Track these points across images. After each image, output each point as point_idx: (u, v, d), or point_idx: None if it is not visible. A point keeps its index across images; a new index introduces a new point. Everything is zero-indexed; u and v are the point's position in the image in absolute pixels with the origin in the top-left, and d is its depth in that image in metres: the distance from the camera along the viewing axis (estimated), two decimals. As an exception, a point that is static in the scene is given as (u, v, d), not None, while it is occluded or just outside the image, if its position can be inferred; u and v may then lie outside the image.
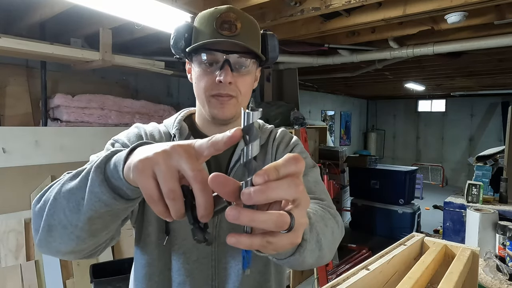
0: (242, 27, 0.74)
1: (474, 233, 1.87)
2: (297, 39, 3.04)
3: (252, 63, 0.78)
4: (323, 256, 0.61)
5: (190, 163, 0.38)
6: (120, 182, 0.47)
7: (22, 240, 2.34)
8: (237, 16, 0.74)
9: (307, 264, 0.57)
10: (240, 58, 0.75)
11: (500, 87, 7.16)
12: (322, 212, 0.67)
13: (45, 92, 2.87)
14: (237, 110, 0.79)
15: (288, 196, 0.36)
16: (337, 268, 3.52)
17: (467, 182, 2.48)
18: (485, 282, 1.47)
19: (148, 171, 0.40)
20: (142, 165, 0.40)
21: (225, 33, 0.72)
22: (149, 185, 0.40)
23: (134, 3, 1.80)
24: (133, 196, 0.49)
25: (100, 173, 0.49)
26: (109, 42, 2.61)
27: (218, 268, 0.78)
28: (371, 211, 5.06)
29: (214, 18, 0.74)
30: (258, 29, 0.80)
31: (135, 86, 3.80)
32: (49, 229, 0.55)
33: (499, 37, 2.79)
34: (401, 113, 10.66)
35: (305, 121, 3.56)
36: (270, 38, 0.82)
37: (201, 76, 0.77)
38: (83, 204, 0.50)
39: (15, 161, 2.39)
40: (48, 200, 0.55)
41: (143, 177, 0.40)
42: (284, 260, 0.54)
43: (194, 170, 0.38)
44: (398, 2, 2.28)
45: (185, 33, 0.76)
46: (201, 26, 0.76)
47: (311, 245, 0.54)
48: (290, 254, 0.53)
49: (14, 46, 2.23)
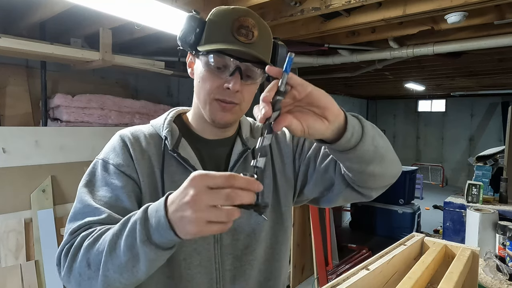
0: (259, 36, 0.71)
1: (474, 233, 1.87)
2: (297, 39, 3.04)
3: (261, 73, 0.75)
4: (387, 159, 0.71)
5: (218, 182, 0.49)
6: (170, 243, 0.55)
7: (22, 240, 2.34)
8: (255, 23, 0.71)
9: (373, 165, 0.68)
10: (251, 67, 0.72)
11: (500, 87, 7.16)
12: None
13: (45, 92, 2.87)
14: (238, 116, 0.78)
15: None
16: (337, 268, 3.52)
17: (467, 182, 2.48)
18: (485, 282, 1.47)
19: (201, 225, 0.49)
20: (195, 229, 0.49)
21: (242, 39, 0.69)
22: (210, 229, 0.50)
23: (134, 3, 1.80)
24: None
25: (149, 244, 0.54)
26: (109, 42, 2.61)
27: (223, 270, 0.77)
28: (371, 211, 5.06)
29: (232, 20, 0.70)
30: (271, 38, 0.78)
31: (135, 86, 3.80)
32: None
33: (499, 37, 2.79)
34: (401, 113, 10.66)
35: (305, 121, 3.55)
36: (281, 49, 0.79)
37: (207, 77, 0.73)
38: (138, 270, 0.56)
39: (15, 161, 2.39)
40: (91, 278, 0.60)
41: (203, 232, 0.50)
42: (348, 154, 0.64)
43: (226, 184, 0.49)
44: (398, 2, 2.28)
45: (197, 27, 0.72)
46: (215, 25, 0.72)
47: (366, 141, 0.64)
48: (348, 148, 0.63)
49: (14, 46, 2.23)
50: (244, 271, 0.79)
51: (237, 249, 0.78)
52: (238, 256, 0.78)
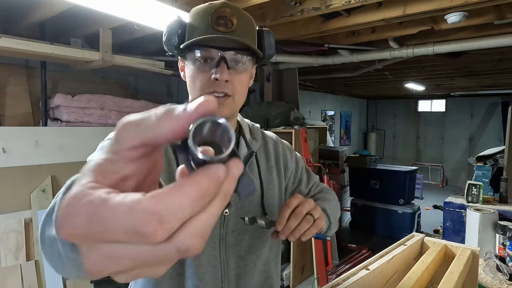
0: (238, 23, 0.72)
1: (474, 233, 1.87)
2: (297, 39, 3.04)
3: (248, 60, 0.75)
4: (338, 216, 0.93)
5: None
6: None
7: (22, 240, 2.34)
8: (232, 12, 0.72)
9: (335, 227, 0.90)
10: (236, 55, 0.72)
11: (500, 87, 7.16)
12: (323, 194, 0.94)
13: (45, 92, 2.87)
14: (233, 109, 0.78)
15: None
16: (337, 268, 3.52)
17: (467, 182, 2.48)
18: (485, 282, 1.47)
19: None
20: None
21: (221, 29, 0.70)
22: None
23: (134, 3, 1.80)
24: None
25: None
26: (109, 42, 2.61)
27: (227, 269, 0.78)
28: (371, 211, 5.06)
29: (209, 13, 0.71)
30: (254, 25, 0.78)
31: (135, 86, 3.80)
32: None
33: (499, 37, 2.79)
34: (401, 113, 10.65)
35: (305, 121, 3.56)
36: (266, 35, 0.80)
37: (196, 73, 0.74)
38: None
39: (15, 161, 2.39)
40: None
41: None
42: (326, 234, 0.87)
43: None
44: (398, 2, 2.28)
45: (178, 29, 0.73)
46: (195, 22, 0.73)
47: (332, 220, 0.87)
48: (326, 230, 0.85)
49: (14, 46, 2.23)
50: (249, 270, 0.80)
51: (240, 248, 0.80)
52: (242, 255, 0.80)
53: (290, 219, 0.70)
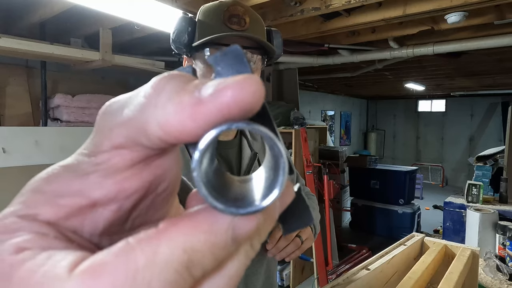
0: (251, 22, 0.71)
1: (474, 233, 1.87)
2: (297, 39, 3.04)
3: (258, 60, 0.74)
4: (318, 220, 0.97)
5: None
6: None
7: (22, 240, 2.34)
8: (245, 10, 0.71)
9: (317, 234, 0.90)
10: (249, 54, 0.71)
11: (500, 87, 7.16)
12: (310, 202, 0.93)
13: (45, 92, 2.87)
14: None
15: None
16: (337, 268, 3.52)
17: (467, 182, 2.48)
18: (485, 282, 1.47)
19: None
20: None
21: (235, 27, 0.69)
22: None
23: (134, 3, 1.80)
24: None
25: None
26: (109, 42, 2.61)
27: None
28: (371, 211, 5.06)
29: (221, 11, 0.70)
30: (263, 25, 0.78)
31: (135, 86, 3.77)
32: None
33: (499, 37, 2.79)
34: (401, 113, 10.65)
35: (305, 121, 3.56)
36: (275, 34, 0.80)
37: (206, 73, 0.72)
38: None
39: (15, 161, 2.39)
40: None
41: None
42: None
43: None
44: (398, 2, 2.28)
45: (188, 27, 0.71)
46: (206, 20, 0.71)
47: (317, 230, 0.89)
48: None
49: (14, 46, 2.23)
50: (256, 270, 0.82)
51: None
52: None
53: (280, 240, 0.74)
